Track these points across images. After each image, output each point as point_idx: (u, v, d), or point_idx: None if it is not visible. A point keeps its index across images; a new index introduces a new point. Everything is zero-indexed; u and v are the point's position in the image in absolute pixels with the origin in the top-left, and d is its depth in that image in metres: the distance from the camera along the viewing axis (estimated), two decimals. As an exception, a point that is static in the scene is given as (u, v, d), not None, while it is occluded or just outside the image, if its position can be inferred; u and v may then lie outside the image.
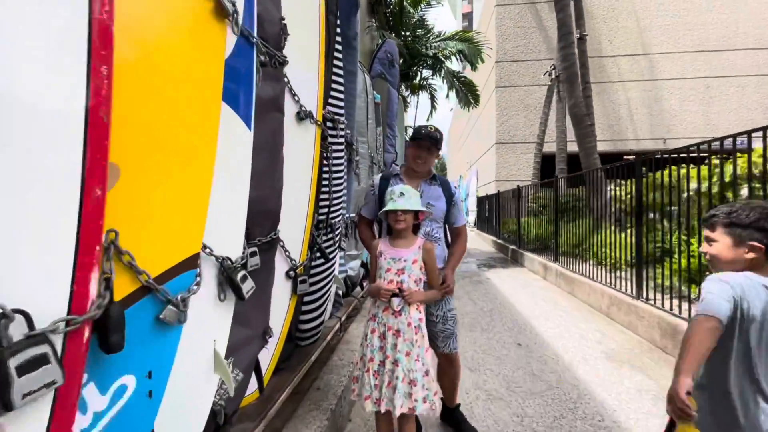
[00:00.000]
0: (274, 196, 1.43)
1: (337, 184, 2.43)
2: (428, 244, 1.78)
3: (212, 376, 1.07)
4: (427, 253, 1.75)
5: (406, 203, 1.67)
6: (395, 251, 1.72)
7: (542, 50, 15.17)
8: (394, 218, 1.68)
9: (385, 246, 1.75)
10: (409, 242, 1.76)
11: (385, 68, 5.21)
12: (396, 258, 1.70)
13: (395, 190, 1.69)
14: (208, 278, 1.07)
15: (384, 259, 1.71)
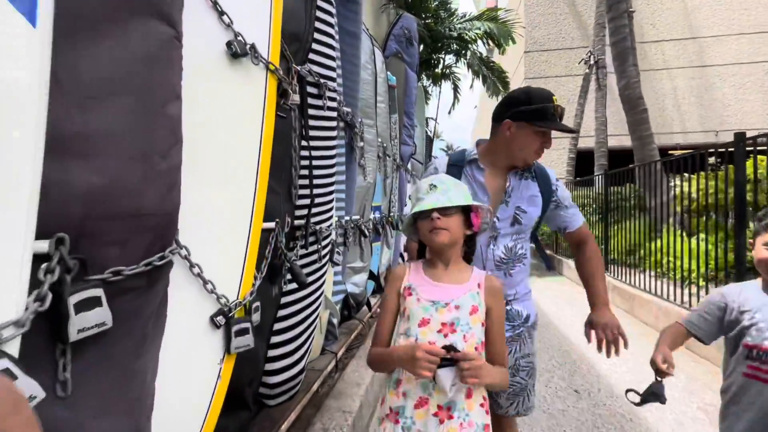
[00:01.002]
0: (156, 185, 0.75)
1: (324, 175, 1.75)
2: (494, 279, 1.11)
3: None
4: (493, 296, 1.08)
5: (445, 198, 1.03)
6: (437, 288, 1.06)
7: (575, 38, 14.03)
8: (429, 226, 1.04)
9: (419, 277, 1.08)
10: (459, 273, 1.10)
11: (401, 47, 4.50)
12: (439, 302, 1.04)
13: (421, 185, 1.08)
14: None
15: (417, 301, 1.04)
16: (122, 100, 0.68)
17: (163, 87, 0.74)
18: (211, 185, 0.96)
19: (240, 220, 1.03)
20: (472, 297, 1.07)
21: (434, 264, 1.12)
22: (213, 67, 0.94)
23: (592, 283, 1.40)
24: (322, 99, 1.68)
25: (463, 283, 1.08)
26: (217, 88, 0.96)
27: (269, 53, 1.07)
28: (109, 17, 0.66)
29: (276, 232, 1.36)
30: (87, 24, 0.64)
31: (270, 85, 1.08)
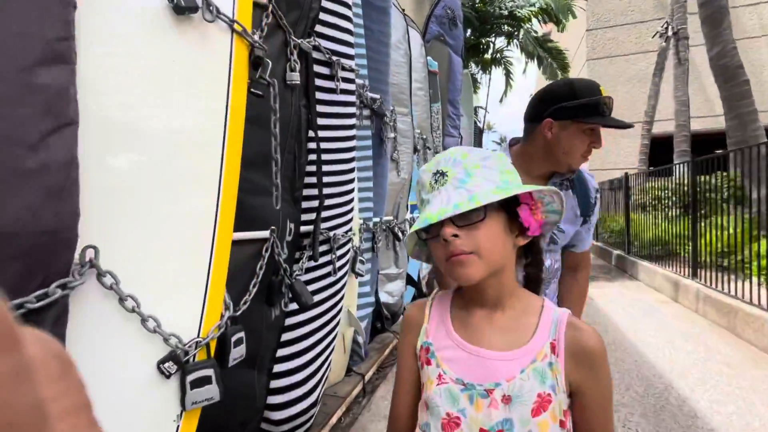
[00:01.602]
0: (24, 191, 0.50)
1: (339, 172, 1.47)
2: (586, 331, 0.58)
3: None
4: (586, 362, 0.57)
5: (462, 195, 0.56)
6: (472, 357, 0.58)
7: (647, 10, 12.44)
8: (443, 252, 0.57)
9: (443, 330, 0.62)
10: (516, 319, 0.60)
11: (444, 29, 4.10)
12: (475, 387, 0.57)
13: (423, 177, 0.61)
14: None
15: (438, 380, 0.59)
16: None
17: (27, 45, 0.49)
18: (153, 187, 0.71)
19: (198, 232, 0.77)
20: (539, 375, 0.56)
21: (471, 303, 0.62)
22: (151, 26, 0.69)
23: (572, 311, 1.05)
24: (334, 80, 1.40)
25: (523, 345, 0.58)
26: (158, 55, 0.70)
27: (235, 10, 0.80)
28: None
29: (271, 243, 1.11)
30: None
31: (237, 53, 0.81)
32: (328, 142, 1.42)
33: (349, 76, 1.50)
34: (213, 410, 1.03)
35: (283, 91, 1.17)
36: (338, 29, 1.45)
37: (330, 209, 1.44)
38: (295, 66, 1.18)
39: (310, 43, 1.28)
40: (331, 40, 1.43)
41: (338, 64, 1.41)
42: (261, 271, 1.08)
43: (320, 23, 1.37)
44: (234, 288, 1.02)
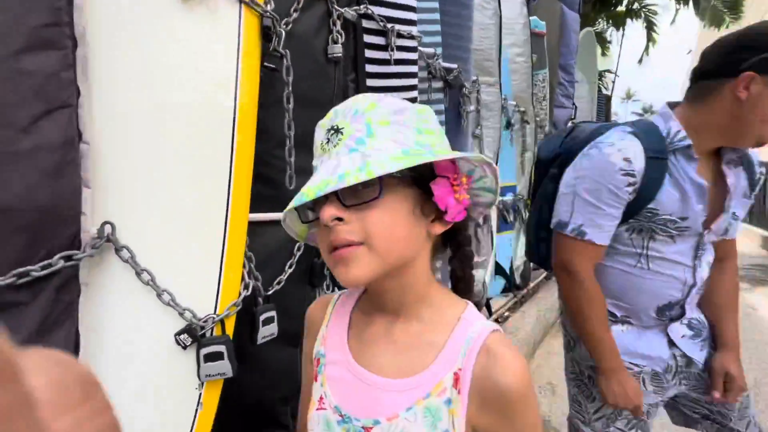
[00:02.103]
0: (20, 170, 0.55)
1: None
2: (507, 355, 0.42)
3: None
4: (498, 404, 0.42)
5: (355, 160, 0.40)
6: (356, 383, 0.46)
7: None
8: (326, 242, 0.42)
9: (337, 339, 0.50)
10: (423, 335, 0.46)
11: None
12: (352, 420, 0.44)
13: (316, 136, 0.46)
14: None
15: (320, 403, 0.48)
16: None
17: (15, 30, 0.53)
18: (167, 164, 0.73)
19: (210, 210, 0.78)
20: (430, 414, 0.43)
21: (372, 308, 0.50)
22: (164, 6, 0.70)
23: (726, 315, 1.01)
24: (387, 50, 1.29)
25: (417, 372, 0.45)
26: (166, 31, 0.71)
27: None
28: None
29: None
30: None
31: (247, 25, 0.78)
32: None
33: (408, 44, 1.36)
34: (255, 385, 1.08)
35: (325, 65, 1.11)
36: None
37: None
38: (338, 38, 1.11)
39: (359, 11, 1.19)
40: (388, 6, 1.31)
41: (393, 32, 1.29)
42: (298, 252, 1.07)
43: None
44: (269, 268, 1.03)
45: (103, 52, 0.66)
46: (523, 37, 2.80)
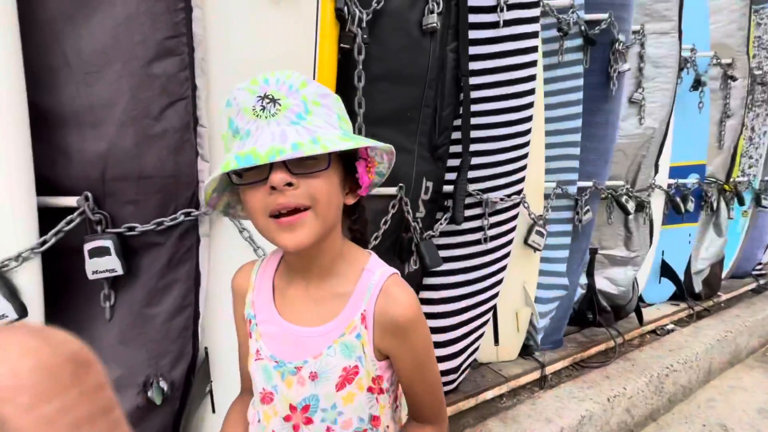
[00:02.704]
0: (154, 148, 0.76)
1: (505, 123, 1.24)
2: (399, 288, 0.54)
3: None
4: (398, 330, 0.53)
5: (301, 132, 0.44)
6: (284, 333, 0.55)
7: None
8: (264, 205, 0.46)
9: (263, 299, 0.58)
10: (335, 285, 0.55)
11: None
12: (285, 364, 0.54)
13: (241, 98, 0.47)
14: None
15: (256, 355, 0.57)
16: (113, 68, 0.72)
17: (146, 46, 0.72)
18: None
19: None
20: (346, 349, 0.53)
21: (292, 271, 0.57)
22: (257, 4, 0.83)
23: None
24: (496, 11, 1.16)
25: (332, 319, 0.53)
26: (264, 27, 0.84)
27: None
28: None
29: (398, 199, 1.12)
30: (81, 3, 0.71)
31: (323, 11, 0.83)
32: (487, 89, 1.22)
33: (524, 0, 1.19)
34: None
35: (420, 38, 1.09)
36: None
37: (484, 168, 1.26)
38: (434, 7, 1.06)
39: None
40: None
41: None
42: (384, 226, 1.12)
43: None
44: (357, 238, 1.12)
45: (215, 53, 0.83)
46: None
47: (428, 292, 1.30)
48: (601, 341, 1.85)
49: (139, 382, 0.82)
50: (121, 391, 0.82)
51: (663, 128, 1.75)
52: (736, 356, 2.15)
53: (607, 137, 1.63)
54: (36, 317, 0.72)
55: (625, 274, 1.88)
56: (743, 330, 2.16)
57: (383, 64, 1.08)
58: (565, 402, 1.47)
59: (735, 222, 2.56)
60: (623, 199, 1.69)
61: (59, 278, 0.76)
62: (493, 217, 1.29)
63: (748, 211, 2.58)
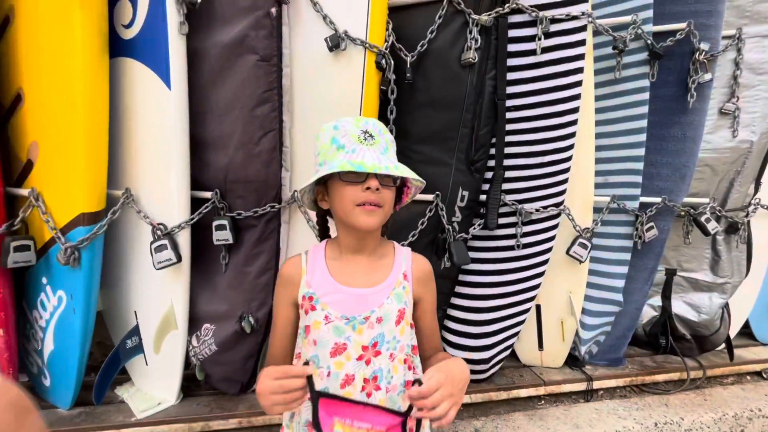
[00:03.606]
0: (254, 163, 1.16)
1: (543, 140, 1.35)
2: (422, 260, 0.84)
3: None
4: (424, 283, 0.83)
5: (389, 160, 0.71)
6: (352, 297, 0.76)
7: None
8: (360, 197, 0.71)
9: (324, 280, 0.77)
10: (380, 261, 0.81)
11: None
12: (356, 318, 0.75)
13: (348, 127, 0.72)
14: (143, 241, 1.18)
15: (326, 321, 0.75)
16: (234, 112, 1.15)
17: (252, 96, 1.12)
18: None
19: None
20: (398, 297, 0.78)
21: (346, 251, 0.79)
22: (324, 61, 1.17)
23: None
24: (533, 41, 1.28)
25: (385, 279, 0.78)
26: (328, 76, 1.18)
27: (367, 34, 1.11)
28: (227, 65, 1.13)
29: (435, 205, 1.35)
30: (218, 74, 1.14)
31: (369, 62, 1.12)
32: (526, 109, 1.34)
33: (567, 27, 1.28)
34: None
35: (459, 71, 1.29)
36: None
37: (521, 181, 1.38)
38: (472, 44, 1.26)
39: (501, 12, 1.26)
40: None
41: (542, 21, 1.26)
42: (422, 226, 1.36)
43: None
44: (398, 234, 1.38)
45: (297, 96, 1.20)
46: None
47: (465, 288, 1.48)
48: (673, 370, 1.72)
49: (237, 315, 1.24)
50: (228, 320, 1.25)
51: (764, 142, 1.55)
52: None
53: (685, 151, 1.54)
54: (185, 262, 1.19)
55: (710, 300, 1.70)
56: None
57: (427, 94, 1.33)
58: (603, 415, 1.47)
59: None
60: (703, 219, 1.56)
61: (198, 242, 1.23)
62: (527, 227, 1.40)
63: None
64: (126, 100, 1.17)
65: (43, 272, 1.19)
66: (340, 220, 0.77)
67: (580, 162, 1.45)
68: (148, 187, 1.20)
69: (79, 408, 1.30)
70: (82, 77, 1.03)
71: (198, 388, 1.42)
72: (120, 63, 1.15)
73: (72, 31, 1.02)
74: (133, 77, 1.14)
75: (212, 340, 1.28)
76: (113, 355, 1.29)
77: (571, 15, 1.28)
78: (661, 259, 1.73)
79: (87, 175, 1.08)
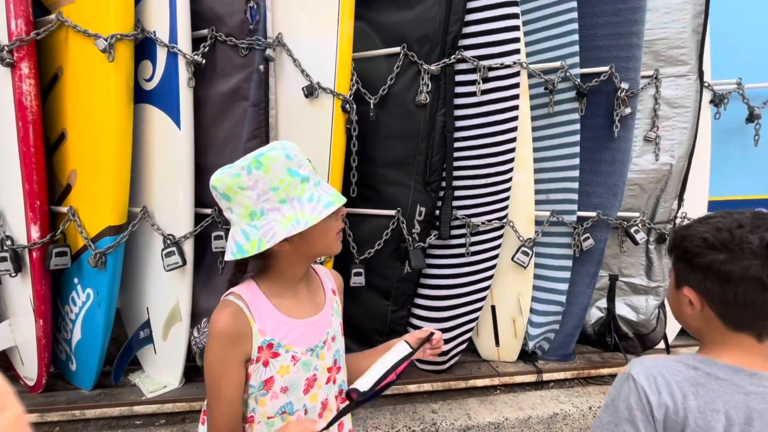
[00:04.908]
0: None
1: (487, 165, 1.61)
2: (333, 271, 0.91)
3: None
4: (341, 291, 0.89)
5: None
6: (307, 327, 0.76)
7: None
8: (337, 226, 0.76)
9: (275, 320, 0.73)
10: (314, 283, 0.83)
11: None
12: (318, 345, 0.77)
13: (301, 159, 0.74)
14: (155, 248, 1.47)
15: (293, 361, 0.73)
16: (230, 146, 1.44)
17: (245, 134, 1.42)
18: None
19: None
20: (336, 312, 0.82)
21: (288, 284, 0.75)
22: (302, 105, 1.47)
23: None
24: (475, 84, 1.57)
25: (325, 300, 0.81)
26: (306, 117, 1.48)
27: (335, 85, 1.42)
28: (225, 108, 1.43)
29: (396, 219, 1.62)
30: (218, 116, 1.45)
31: (337, 107, 1.42)
32: (473, 140, 1.62)
33: (502, 73, 1.57)
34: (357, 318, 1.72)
35: (414, 110, 1.58)
36: (493, 33, 1.56)
37: (470, 198, 1.65)
38: (424, 88, 1.55)
39: (448, 62, 1.55)
40: (484, 46, 1.57)
41: (481, 69, 1.55)
42: (385, 237, 1.63)
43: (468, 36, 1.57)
44: (366, 244, 1.65)
45: (281, 132, 1.50)
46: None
47: (425, 290, 1.74)
48: (617, 364, 1.94)
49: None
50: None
51: (682, 164, 1.81)
52: None
53: (615, 172, 1.81)
54: (189, 266, 1.46)
55: (646, 302, 1.93)
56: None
57: (389, 128, 1.62)
58: (546, 401, 1.69)
59: None
60: (633, 230, 1.81)
61: (200, 250, 1.51)
62: (476, 237, 1.66)
63: None
64: (146, 137, 1.47)
65: (75, 273, 1.47)
66: (311, 253, 0.74)
67: (522, 182, 1.72)
68: (161, 205, 1.49)
69: (99, 389, 1.57)
70: (112, 120, 1.33)
71: (198, 375, 1.67)
72: (142, 108, 1.45)
73: (107, 85, 1.32)
74: (152, 120, 1.44)
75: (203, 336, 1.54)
76: (128, 343, 1.56)
77: (504, 64, 1.57)
78: (605, 266, 1.98)
79: (113, 196, 1.37)
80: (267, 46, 1.40)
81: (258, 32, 1.40)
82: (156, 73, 1.41)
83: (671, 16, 1.78)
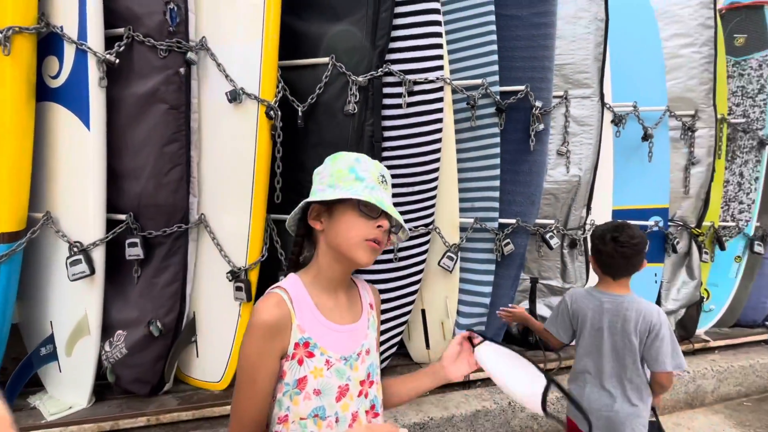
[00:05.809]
0: (164, 191, 1.40)
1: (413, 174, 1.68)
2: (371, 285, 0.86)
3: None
4: (379, 306, 0.85)
5: (391, 205, 0.72)
6: (343, 335, 0.74)
7: None
8: (372, 233, 0.70)
9: (315, 321, 0.71)
10: (353, 293, 0.80)
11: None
12: (352, 356, 0.73)
13: (368, 165, 0.74)
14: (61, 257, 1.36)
15: (327, 365, 0.70)
16: (146, 149, 1.39)
17: (162, 137, 1.38)
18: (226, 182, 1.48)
19: (243, 209, 1.47)
20: (373, 327, 0.78)
21: (329, 286, 0.73)
22: (226, 109, 1.45)
23: None
24: (401, 97, 1.65)
25: (362, 311, 0.78)
26: (230, 122, 1.46)
27: (260, 91, 1.42)
28: (142, 111, 1.38)
29: (326, 226, 1.63)
30: (134, 118, 1.39)
31: (261, 112, 1.43)
32: (400, 149, 1.69)
33: (426, 88, 1.66)
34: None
35: (344, 119, 1.62)
36: (419, 49, 1.65)
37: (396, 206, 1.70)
38: (352, 99, 1.59)
39: (375, 75, 1.61)
40: (410, 61, 1.66)
41: (406, 83, 1.63)
42: (315, 243, 1.64)
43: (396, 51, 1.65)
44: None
45: (205, 136, 1.47)
46: (693, 23, 2.24)
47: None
48: (538, 361, 2.08)
49: (146, 320, 1.43)
50: (138, 325, 1.44)
51: (588, 176, 2.01)
52: (697, 398, 2.15)
53: (532, 183, 1.96)
54: (99, 275, 1.37)
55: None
56: (708, 374, 2.17)
57: (318, 136, 1.64)
58: (470, 399, 1.78)
59: (726, 268, 2.54)
60: (548, 236, 1.97)
61: (112, 257, 1.42)
62: (403, 243, 1.72)
63: (742, 257, 2.53)
64: (50, 138, 1.37)
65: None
66: (337, 249, 0.70)
67: (447, 191, 1.82)
68: (68, 210, 1.39)
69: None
70: (9, 118, 1.23)
71: (110, 393, 1.56)
72: (46, 107, 1.36)
73: (2, 80, 1.22)
74: (58, 119, 1.35)
75: (123, 345, 1.45)
76: (26, 361, 1.42)
77: (428, 79, 1.67)
78: (526, 269, 2.13)
79: (9, 200, 1.26)
80: (188, 49, 1.38)
81: (179, 34, 1.37)
82: (63, 71, 1.33)
83: (577, 44, 1.98)
